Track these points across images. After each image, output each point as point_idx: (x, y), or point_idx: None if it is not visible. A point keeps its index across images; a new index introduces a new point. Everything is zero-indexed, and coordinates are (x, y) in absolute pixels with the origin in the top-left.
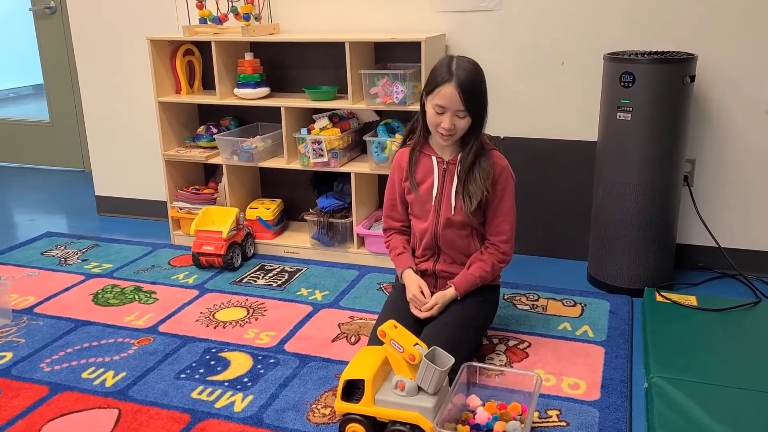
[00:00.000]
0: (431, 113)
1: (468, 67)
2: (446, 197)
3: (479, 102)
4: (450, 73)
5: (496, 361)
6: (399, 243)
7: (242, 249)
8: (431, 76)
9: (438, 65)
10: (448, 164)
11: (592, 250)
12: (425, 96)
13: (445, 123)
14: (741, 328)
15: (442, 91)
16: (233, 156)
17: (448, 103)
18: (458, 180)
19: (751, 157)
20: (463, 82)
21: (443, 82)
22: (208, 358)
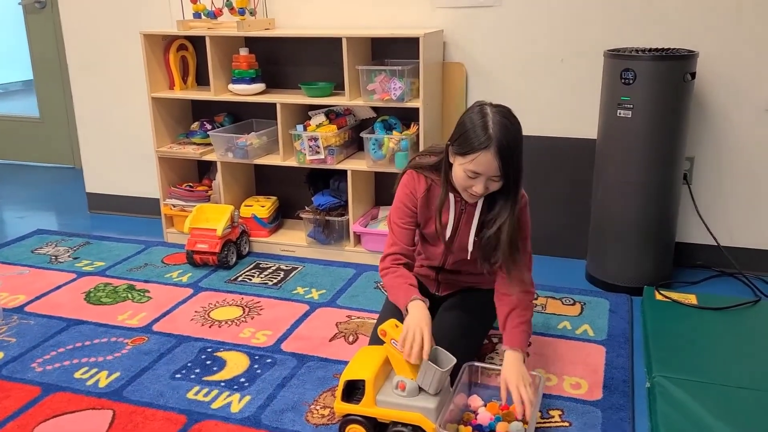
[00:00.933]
0: (461, 176)
1: (506, 126)
2: (460, 241)
3: (518, 165)
4: (488, 137)
5: (496, 360)
6: (411, 275)
7: (237, 247)
8: (463, 136)
9: (470, 123)
10: (466, 206)
11: (591, 248)
12: (453, 153)
13: (477, 188)
14: (741, 327)
15: (478, 159)
16: (228, 153)
17: (484, 170)
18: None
19: (750, 154)
20: (503, 148)
21: (480, 148)
22: (203, 358)
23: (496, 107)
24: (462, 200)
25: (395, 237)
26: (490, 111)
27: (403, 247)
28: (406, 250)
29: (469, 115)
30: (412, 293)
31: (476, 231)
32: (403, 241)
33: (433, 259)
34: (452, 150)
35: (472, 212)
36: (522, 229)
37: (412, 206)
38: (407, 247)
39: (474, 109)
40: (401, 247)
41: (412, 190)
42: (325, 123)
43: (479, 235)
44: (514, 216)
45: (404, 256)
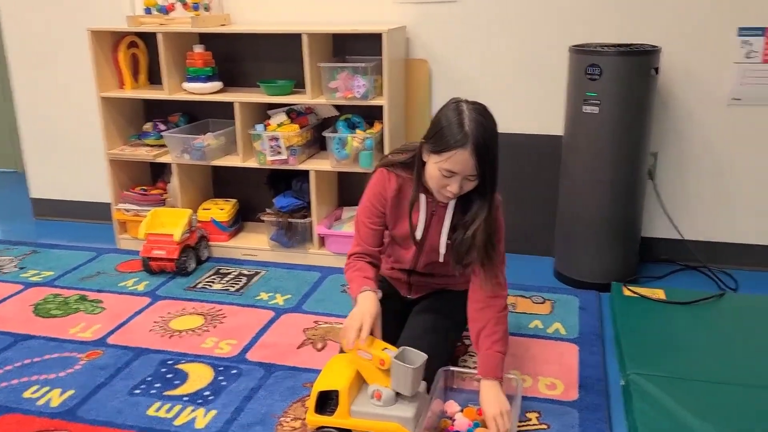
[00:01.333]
0: (436, 175)
1: (483, 123)
2: (431, 243)
3: (494, 164)
4: (464, 134)
5: (470, 363)
6: (370, 268)
7: (196, 252)
8: (439, 134)
9: (446, 120)
10: (438, 206)
11: (558, 245)
12: (427, 152)
13: (452, 188)
14: (710, 321)
15: (454, 157)
16: (184, 154)
17: (460, 170)
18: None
19: (712, 149)
20: (479, 147)
21: (456, 146)
22: (164, 371)
23: (473, 104)
24: (433, 201)
25: (360, 237)
26: (467, 108)
27: (368, 247)
28: (371, 251)
29: (445, 113)
30: (363, 284)
31: (448, 233)
32: (369, 242)
33: (404, 261)
34: (427, 148)
35: (443, 214)
36: (498, 231)
37: (380, 206)
38: (372, 248)
39: (450, 106)
40: (365, 248)
41: (381, 189)
42: (286, 122)
43: (452, 237)
44: (491, 217)
45: (368, 255)
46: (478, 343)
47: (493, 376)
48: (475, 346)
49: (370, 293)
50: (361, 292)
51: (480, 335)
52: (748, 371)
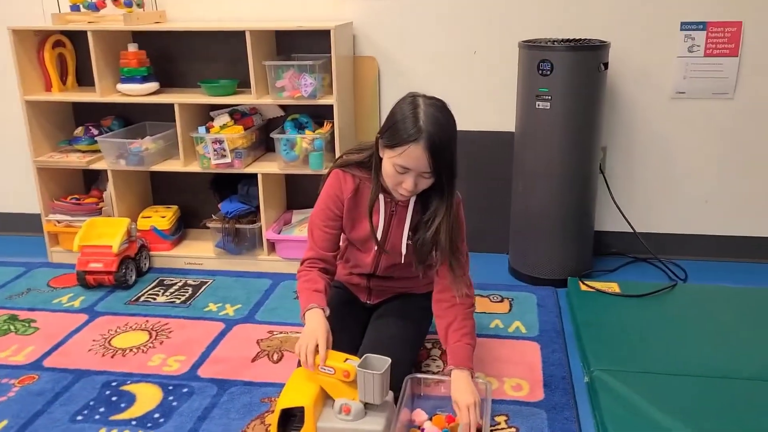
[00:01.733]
0: (390, 171)
1: (438, 119)
2: (392, 244)
3: (450, 162)
4: (417, 129)
5: (433, 367)
6: (320, 279)
7: (136, 264)
8: (393, 128)
9: (400, 114)
10: (397, 206)
11: (513, 242)
12: (382, 147)
13: (407, 185)
14: (665, 313)
15: (407, 152)
16: (119, 160)
17: (414, 165)
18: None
19: (659, 142)
20: (433, 143)
21: (409, 140)
22: (108, 394)
23: (430, 99)
24: (392, 201)
25: (314, 241)
26: (423, 103)
27: (322, 252)
28: (325, 255)
29: (401, 106)
30: (311, 301)
31: (410, 233)
32: (322, 246)
33: (363, 266)
34: (382, 142)
35: (404, 214)
36: (460, 231)
37: (336, 209)
38: (327, 252)
39: (406, 99)
40: (318, 252)
41: (337, 191)
42: (229, 124)
43: (413, 237)
44: (450, 216)
45: (322, 260)
46: (447, 337)
47: (464, 365)
48: (444, 340)
49: (317, 311)
50: (308, 310)
51: (448, 330)
52: (708, 362)
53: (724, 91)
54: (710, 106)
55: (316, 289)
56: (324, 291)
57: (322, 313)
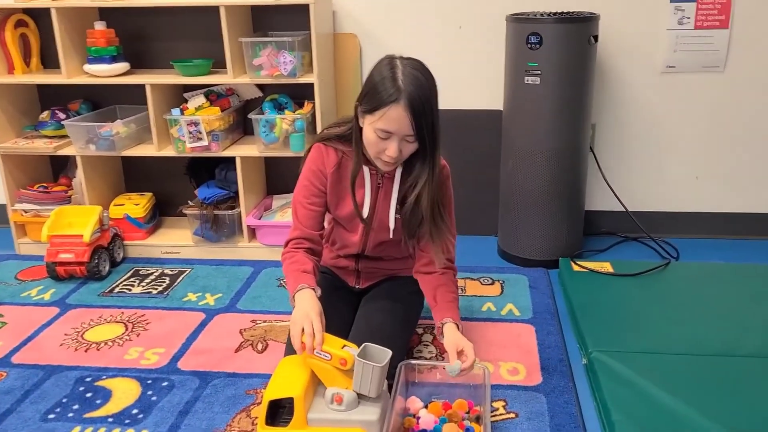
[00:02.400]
0: (372, 137)
1: (418, 79)
2: (379, 219)
3: (432, 123)
4: (397, 89)
5: (425, 353)
6: (307, 260)
7: (109, 253)
8: (371, 91)
9: (378, 76)
10: (383, 179)
11: (503, 223)
12: (361, 113)
13: (391, 151)
14: (660, 291)
15: (388, 114)
16: (89, 145)
17: (395, 128)
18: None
19: (648, 117)
20: (414, 102)
21: (389, 101)
22: (82, 390)
23: (407, 59)
24: (378, 173)
25: (298, 219)
26: (400, 63)
27: (307, 231)
28: (310, 235)
29: (378, 69)
30: (300, 281)
31: (398, 207)
32: (307, 225)
33: (350, 246)
34: (361, 109)
35: (390, 187)
36: (446, 200)
37: (319, 184)
38: (311, 231)
39: (383, 62)
40: (303, 231)
41: (320, 165)
42: (205, 105)
43: (401, 210)
44: (434, 180)
45: (307, 240)
46: (436, 299)
47: (453, 317)
48: (432, 301)
49: (307, 291)
50: (298, 291)
51: (437, 291)
52: (705, 340)
53: (714, 65)
54: (701, 79)
55: (305, 270)
56: (313, 272)
57: (313, 294)
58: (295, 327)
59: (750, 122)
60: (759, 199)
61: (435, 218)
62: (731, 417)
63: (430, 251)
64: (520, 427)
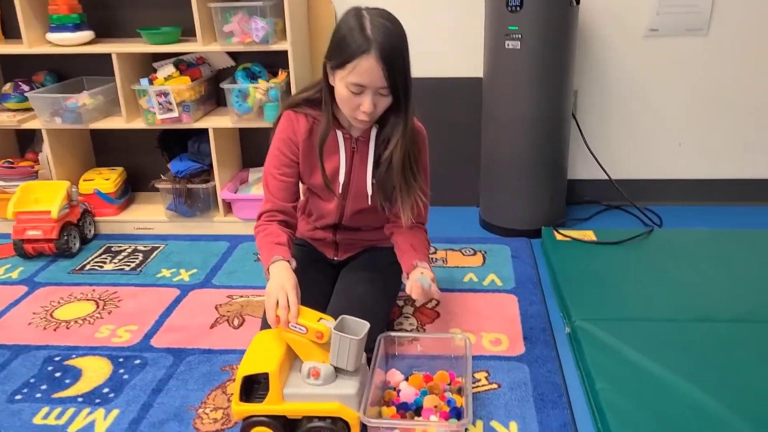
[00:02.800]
0: (345, 93)
1: (387, 27)
2: (356, 185)
3: (405, 74)
4: (366, 39)
5: (406, 325)
6: (281, 232)
7: (80, 230)
8: (340, 44)
9: (346, 28)
10: (358, 142)
11: (484, 193)
12: (331, 70)
13: (366, 105)
14: (643, 259)
15: (359, 66)
16: (55, 118)
17: (368, 81)
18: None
19: (630, 83)
20: (386, 52)
21: (360, 52)
22: (51, 370)
23: (374, 9)
24: (352, 138)
25: (270, 192)
26: (367, 13)
27: (280, 203)
28: (283, 207)
29: (345, 21)
30: (274, 253)
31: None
32: (280, 197)
33: (327, 216)
34: (330, 66)
35: (366, 150)
36: (420, 160)
37: (291, 153)
38: (284, 203)
39: (349, 13)
40: (276, 203)
41: (290, 134)
42: (175, 75)
43: (376, 172)
44: (407, 134)
45: (280, 212)
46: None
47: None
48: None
49: (282, 263)
50: (272, 264)
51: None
52: (688, 306)
53: (698, 27)
54: (684, 43)
55: (279, 242)
56: (287, 244)
57: (288, 266)
58: (270, 300)
59: (733, 87)
60: (742, 165)
61: (406, 175)
62: (714, 383)
63: (400, 212)
64: (503, 398)
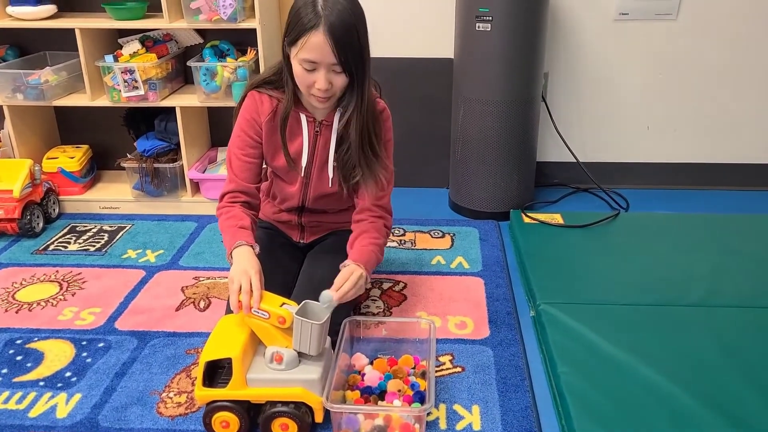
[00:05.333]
0: (299, 70)
1: (340, 4)
2: (318, 168)
3: (358, 52)
4: (316, 14)
5: (373, 308)
6: (244, 215)
7: (43, 209)
8: (292, 20)
9: (301, 3)
10: (321, 126)
11: (454, 175)
12: (287, 47)
13: (320, 83)
14: (609, 242)
15: (309, 42)
16: (16, 94)
17: (319, 57)
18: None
19: (600, 67)
20: (334, 27)
21: (309, 28)
22: (12, 353)
23: None
24: (316, 122)
25: (234, 172)
26: None
27: (243, 184)
28: (246, 188)
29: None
30: (237, 238)
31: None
32: (243, 177)
33: (290, 199)
34: (286, 42)
35: (329, 134)
36: (382, 140)
37: (254, 134)
38: (247, 184)
39: None
40: (239, 184)
41: (253, 114)
42: (141, 52)
43: (338, 153)
44: (363, 110)
45: (243, 193)
46: (354, 244)
47: (363, 262)
48: (350, 248)
49: (245, 248)
50: (235, 248)
51: (357, 239)
52: (652, 290)
53: (667, 12)
54: (653, 27)
55: (242, 226)
56: (251, 228)
57: (251, 251)
58: (233, 285)
59: (701, 72)
60: (708, 149)
61: (365, 151)
62: (675, 367)
63: (361, 188)
64: (467, 381)
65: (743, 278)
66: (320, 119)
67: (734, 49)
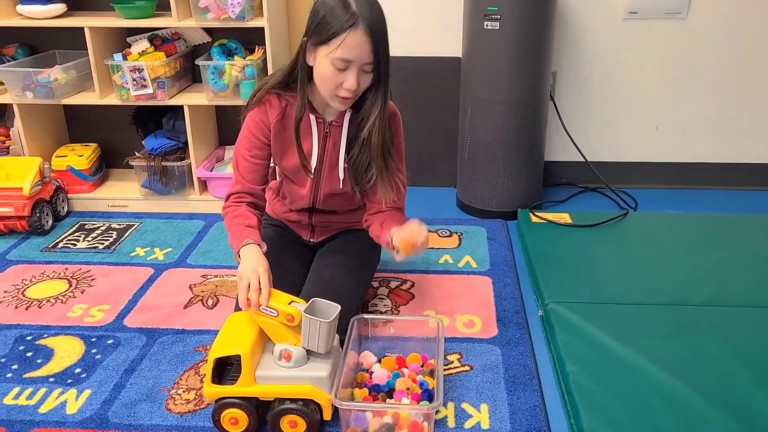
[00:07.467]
0: (329, 70)
1: (371, 2)
2: (328, 170)
3: (388, 52)
4: (352, 14)
5: (381, 306)
6: (251, 214)
7: (52, 207)
8: (322, 22)
9: (326, 8)
10: (331, 127)
11: (461, 174)
12: (314, 47)
13: (349, 82)
14: (618, 242)
15: (347, 41)
16: (26, 92)
17: (355, 56)
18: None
19: (609, 66)
20: (373, 26)
21: (348, 26)
22: (22, 350)
23: None
24: (325, 123)
25: (240, 173)
26: None
27: (249, 185)
28: (253, 189)
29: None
30: (244, 237)
31: (346, 156)
32: (249, 179)
33: (300, 200)
34: (311, 43)
35: (339, 134)
36: (396, 143)
37: (262, 136)
38: (254, 185)
39: None
40: (245, 185)
41: (262, 115)
42: (149, 50)
43: (349, 154)
44: (385, 113)
45: (249, 194)
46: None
47: None
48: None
49: (253, 246)
50: (243, 246)
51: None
52: (661, 290)
53: (677, 10)
54: (663, 26)
55: (249, 225)
56: (257, 227)
57: (259, 249)
58: (242, 282)
59: (710, 71)
60: (718, 149)
61: (385, 156)
62: (684, 367)
63: (379, 193)
64: (475, 380)
65: (752, 278)
66: (330, 120)
67: (744, 47)
